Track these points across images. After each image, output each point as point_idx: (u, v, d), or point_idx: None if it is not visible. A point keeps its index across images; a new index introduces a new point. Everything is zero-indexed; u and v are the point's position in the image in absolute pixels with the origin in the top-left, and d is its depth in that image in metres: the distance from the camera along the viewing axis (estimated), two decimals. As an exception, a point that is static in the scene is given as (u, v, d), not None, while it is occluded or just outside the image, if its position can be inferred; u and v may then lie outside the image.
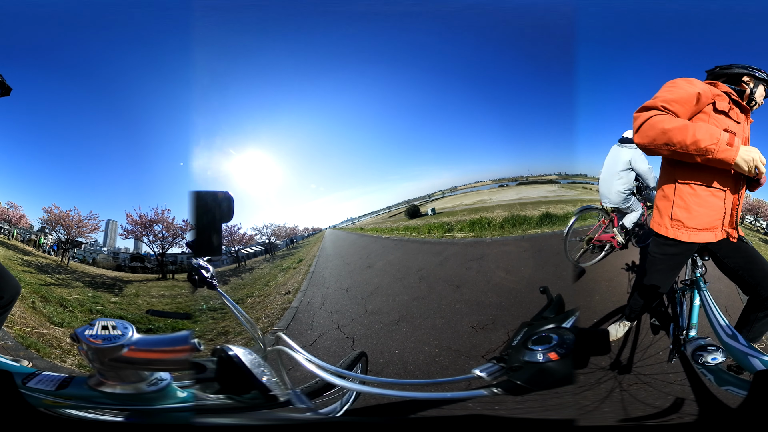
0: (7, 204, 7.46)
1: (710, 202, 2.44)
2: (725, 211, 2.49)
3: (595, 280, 4.82)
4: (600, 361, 2.96)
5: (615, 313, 3.66)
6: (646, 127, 2.22)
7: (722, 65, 2.79)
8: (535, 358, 0.99)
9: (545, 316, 1.18)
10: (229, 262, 10.11)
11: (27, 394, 1.29)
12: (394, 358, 3.46)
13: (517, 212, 9.87)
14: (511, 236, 8.70)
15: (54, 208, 7.46)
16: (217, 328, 4.77)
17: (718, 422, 2.19)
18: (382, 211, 15.70)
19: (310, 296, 6.28)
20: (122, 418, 1.30)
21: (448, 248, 8.68)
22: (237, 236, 10.24)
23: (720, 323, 2.23)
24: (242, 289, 7.73)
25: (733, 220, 2.52)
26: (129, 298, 6.46)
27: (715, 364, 2.15)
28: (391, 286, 5.93)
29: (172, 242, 7.98)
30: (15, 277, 2.55)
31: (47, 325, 4.39)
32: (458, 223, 10.67)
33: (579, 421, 2.33)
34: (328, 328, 4.52)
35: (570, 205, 9.87)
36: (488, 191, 13.32)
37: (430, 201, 14.78)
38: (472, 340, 3.64)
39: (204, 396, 1.37)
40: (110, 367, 1.28)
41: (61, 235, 7.47)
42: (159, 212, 7.90)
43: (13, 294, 2.46)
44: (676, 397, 2.56)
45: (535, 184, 11.87)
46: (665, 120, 2.17)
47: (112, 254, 8.03)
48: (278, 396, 1.32)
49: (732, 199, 2.48)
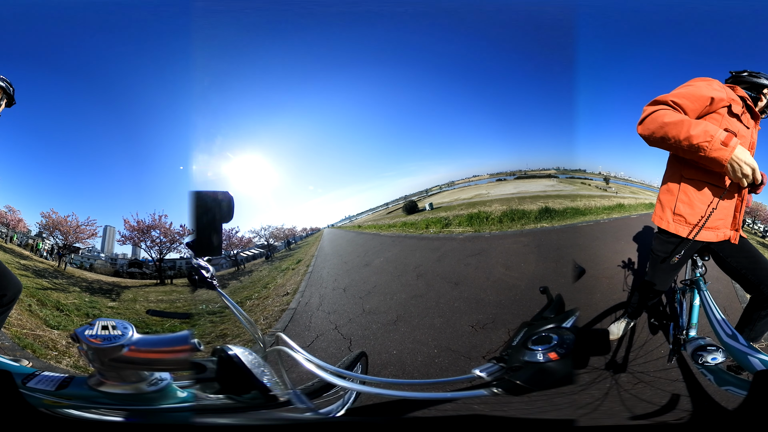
0: (5, 208, 7.45)
1: (714, 201, 2.45)
2: (729, 212, 2.51)
3: (595, 277, 4.81)
4: (600, 361, 2.96)
5: (615, 311, 3.66)
6: (648, 120, 2.24)
7: (751, 72, 2.77)
8: (535, 358, 0.99)
9: (545, 315, 1.18)
10: (228, 266, 10.10)
11: (27, 394, 1.29)
12: (392, 360, 3.44)
13: (516, 206, 9.87)
14: (510, 231, 8.70)
15: (52, 213, 7.47)
16: (216, 330, 4.76)
17: (717, 422, 2.19)
18: (380, 208, 15.74)
19: (308, 297, 6.27)
20: (122, 418, 1.30)
21: (446, 244, 8.66)
22: (235, 239, 10.24)
23: (720, 323, 2.23)
24: (241, 292, 7.73)
25: (736, 222, 2.52)
26: (126, 303, 6.45)
27: (715, 364, 2.15)
28: (389, 284, 5.93)
29: (170, 248, 7.98)
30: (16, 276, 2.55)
31: (43, 327, 4.38)
32: (456, 217, 10.68)
33: (579, 421, 2.34)
34: (326, 329, 4.51)
35: (569, 200, 9.90)
36: (486, 185, 13.36)
37: (427, 196, 14.81)
38: (472, 340, 3.63)
39: (204, 396, 1.37)
40: (110, 367, 1.28)
41: (58, 240, 7.46)
42: (156, 218, 7.90)
43: (15, 292, 2.47)
44: (675, 396, 2.57)
45: (533, 178, 11.89)
46: (667, 114, 2.19)
47: (110, 260, 8.02)
48: (278, 396, 1.32)
49: (736, 201, 2.49)
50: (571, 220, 8.94)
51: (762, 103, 2.72)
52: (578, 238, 7.69)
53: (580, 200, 10.18)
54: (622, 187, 12.39)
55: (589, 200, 10.42)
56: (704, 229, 2.46)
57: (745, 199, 2.53)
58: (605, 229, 8.21)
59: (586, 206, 9.92)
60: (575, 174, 11.79)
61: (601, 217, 9.50)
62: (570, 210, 9.31)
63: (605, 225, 8.70)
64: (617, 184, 12.57)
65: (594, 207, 10.01)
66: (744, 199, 2.52)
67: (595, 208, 9.97)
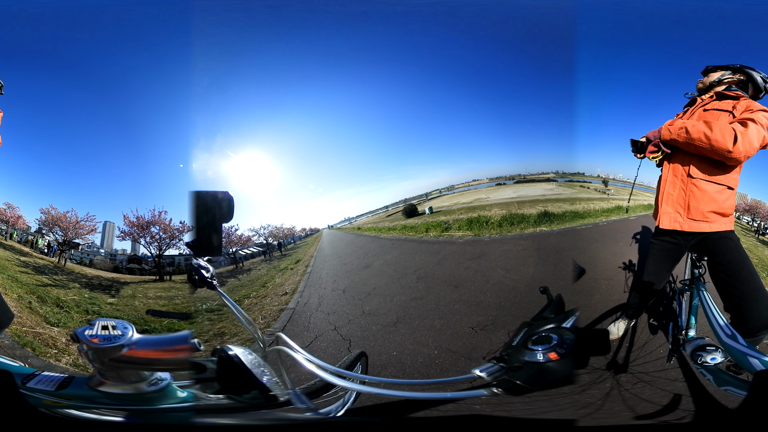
0: (4, 204, 7.45)
1: (714, 197, 2.62)
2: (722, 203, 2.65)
3: (594, 278, 4.82)
4: (600, 361, 2.96)
5: (614, 312, 3.66)
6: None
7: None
8: (535, 358, 0.99)
9: (545, 316, 1.18)
10: (226, 264, 10.10)
11: (27, 395, 1.29)
12: (392, 360, 3.44)
13: (515, 210, 9.90)
14: (510, 235, 8.71)
15: (51, 209, 7.46)
16: (214, 329, 4.76)
17: (717, 423, 2.19)
18: (380, 211, 15.76)
19: (307, 297, 6.27)
20: (122, 418, 1.29)
21: (446, 247, 8.68)
22: (234, 237, 10.24)
23: (719, 323, 2.23)
24: (239, 291, 7.72)
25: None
26: (126, 299, 6.45)
27: (715, 365, 2.15)
28: (389, 287, 5.93)
29: (170, 244, 7.98)
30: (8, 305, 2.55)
31: (43, 325, 4.38)
32: (456, 221, 10.69)
33: (579, 421, 2.34)
34: (325, 330, 4.51)
35: (567, 203, 9.93)
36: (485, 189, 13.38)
37: (427, 200, 14.83)
38: (472, 341, 3.63)
39: (204, 396, 1.37)
40: (110, 367, 1.28)
41: (58, 236, 7.46)
42: (156, 214, 7.90)
43: (4, 322, 2.46)
44: (675, 396, 2.57)
45: (533, 182, 11.92)
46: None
47: (110, 256, 8.02)
48: (278, 396, 1.31)
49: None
50: (570, 223, 8.97)
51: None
52: (577, 241, 7.70)
53: (579, 203, 10.20)
54: (621, 189, 12.42)
55: (588, 203, 10.44)
56: (697, 221, 2.68)
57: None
58: (604, 232, 8.23)
59: (585, 209, 9.94)
60: (574, 177, 11.82)
61: (599, 219, 9.52)
62: (569, 213, 9.33)
63: (604, 227, 8.72)
64: (616, 186, 12.60)
65: (593, 210, 10.03)
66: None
67: (594, 210, 10.00)
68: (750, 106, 2.57)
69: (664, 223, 2.79)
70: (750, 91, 2.81)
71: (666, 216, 2.78)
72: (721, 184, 2.63)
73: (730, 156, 2.42)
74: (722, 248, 2.62)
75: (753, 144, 2.39)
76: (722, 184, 2.63)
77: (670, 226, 2.76)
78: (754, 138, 2.39)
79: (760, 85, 2.78)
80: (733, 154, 2.39)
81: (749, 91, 2.81)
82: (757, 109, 2.52)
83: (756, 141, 2.40)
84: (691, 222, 2.68)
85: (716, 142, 2.41)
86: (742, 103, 2.62)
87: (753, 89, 2.80)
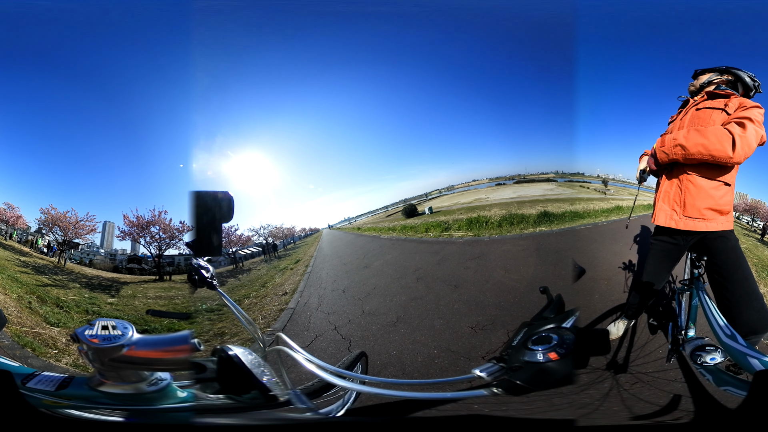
0: (4, 204, 7.44)
1: (710, 193, 2.62)
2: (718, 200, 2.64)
3: (594, 279, 4.82)
4: (600, 361, 2.96)
5: (614, 312, 3.67)
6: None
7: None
8: (535, 358, 0.99)
9: (545, 316, 1.18)
10: (226, 264, 10.09)
11: (27, 395, 1.29)
12: (392, 360, 3.45)
13: (515, 211, 9.90)
14: (509, 235, 8.71)
15: (51, 209, 7.45)
16: (214, 329, 4.75)
17: (717, 423, 2.19)
18: (380, 211, 15.75)
19: (306, 297, 6.27)
20: (122, 418, 1.29)
21: (445, 247, 8.67)
22: (234, 237, 10.24)
23: (719, 323, 2.23)
24: (239, 291, 7.72)
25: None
26: (126, 299, 6.45)
27: (714, 365, 2.15)
28: (389, 287, 5.93)
29: (170, 244, 7.98)
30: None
31: (43, 325, 4.38)
32: (456, 221, 10.69)
33: (579, 421, 2.34)
34: (325, 330, 4.51)
35: (567, 203, 9.93)
36: (485, 190, 13.38)
37: (427, 200, 14.83)
38: (472, 341, 3.63)
39: (204, 396, 1.37)
40: (110, 367, 1.28)
41: (58, 236, 7.45)
42: (156, 214, 7.89)
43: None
44: (675, 397, 2.57)
45: (533, 182, 11.92)
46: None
47: (109, 256, 8.01)
48: (278, 396, 1.32)
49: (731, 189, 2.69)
50: (570, 223, 8.97)
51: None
52: (577, 241, 7.70)
53: (579, 203, 10.21)
54: (620, 189, 12.42)
55: (587, 203, 10.44)
56: (695, 219, 2.69)
57: (661, 186, 2.86)
58: (603, 232, 8.23)
59: (584, 209, 9.94)
60: (574, 177, 11.82)
61: (599, 219, 9.51)
62: (569, 213, 9.33)
63: (603, 228, 8.72)
64: (616, 186, 12.60)
65: (592, 210, 10.03)
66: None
67: (594, 210, 10.00)
68: (743, 103, 2.58)
69: (659, 219, 2.81)
70: (740, 90, 2.82)
71: (662, 213, 2.80)
72: (718, 180, 2.62)
73: (731, 161, 2.43)
74: (719, 248, 2.62)
75: (751, 145, 2.39)
76: (719, 180, 2.62)
77: (665, 223, 2.77)
78: (752, 138, 2.38)
79: (749, 83, 2.79)
80: (734, 159, 2.40)
81: (740, 90, 2.82)
82: (750, 106, 2.53)
83: (754, 141, 2.40)
84: (687, 220, 2.68)
85: (716, 151, 2.41)
86: (734, 100, 2.63)
87: (743, 88, 2.82)
